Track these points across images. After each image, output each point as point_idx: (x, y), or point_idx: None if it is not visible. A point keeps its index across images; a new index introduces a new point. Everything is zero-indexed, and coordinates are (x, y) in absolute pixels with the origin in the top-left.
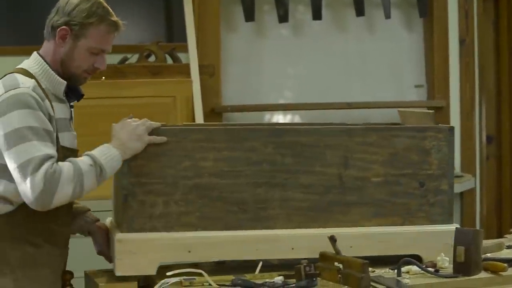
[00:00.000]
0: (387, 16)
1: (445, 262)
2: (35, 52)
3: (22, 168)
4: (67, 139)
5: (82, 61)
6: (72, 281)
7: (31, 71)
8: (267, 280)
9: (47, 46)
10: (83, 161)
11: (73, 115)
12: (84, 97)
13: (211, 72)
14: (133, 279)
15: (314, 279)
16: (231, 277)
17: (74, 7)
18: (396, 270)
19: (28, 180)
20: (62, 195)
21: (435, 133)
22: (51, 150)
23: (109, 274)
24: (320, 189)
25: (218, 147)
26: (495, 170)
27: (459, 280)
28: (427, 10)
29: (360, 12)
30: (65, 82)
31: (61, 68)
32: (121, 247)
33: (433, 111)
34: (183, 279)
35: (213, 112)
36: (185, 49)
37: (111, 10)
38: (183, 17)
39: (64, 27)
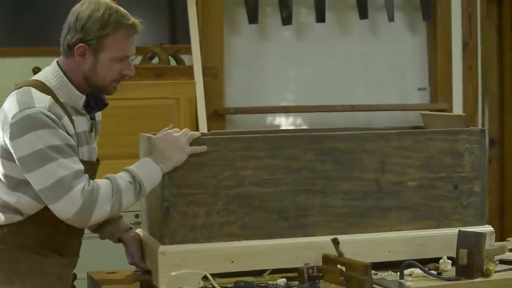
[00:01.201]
0: (391, 19)
1: (448, 265)
2: (55, 62)
3: (53, 188)
4: (86, 153)
5: (107, 73)
6: (75, 283)
7: (48, 84)
8: (269, 282)
9: (66, 62)
10: (122, 177)
11: (94, 127)
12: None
13: (214, 74)
14: (134, 280)
15: (317, 281)
16: (236, 279)
17: (86, 21)
18: (398, 273)
19: (64, 199)
20: (100, 213)
21: (467, 136)
22: (79, 165)
23: (112, 276)
24: (359, 195)
25: (258, 155)
26: (498, 174)
27: (461, 283)
28: (431, 13)
29: (363, 14)
30: (84, 96)
31: (86, 82)
32: (165, 260)
33: (464, 114)
34: None
35: (216, 114)
36: (188, 51)
37: (124, 12)
38: (187, 19)
39: (80, 44)
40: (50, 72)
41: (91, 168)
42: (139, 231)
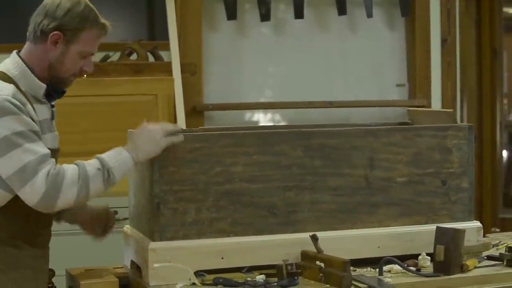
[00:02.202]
0: (369, 15)
1: (427, 261)
2: (14, 53)
3: (19, 174)
4: (50, 141)
5: (71, 65)
6: (53, 279)
7: (9, 74)
8: (248, 278)
9: (32, 48)
10: (91, 164)
11: (54, 115)
12: (66, 95)
13: (192, 71)
14: (113, 277)
15: (296, 278)
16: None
17: (67, 12)
18: (377, 269)
19: (28, 185)
20: (66, 198)
21: (455, 131)
22: (45, 150)
23: (90, 272)
24: (348, 191)
25: (248, 151)
26: (476, 169)
27: (440, 279)
28: (409, 10)
29: (342, 11)
30: (45, 86)
31: (49, 71)
32: (155, 256)
33: (452, 110)
34: None
35: (195, 110)
36: (167, 47)
37: (98, 13)
38: (165, 15)
39: (57, 32)
40: (10, 63)
41: (53, 156)
42: (126, 227)
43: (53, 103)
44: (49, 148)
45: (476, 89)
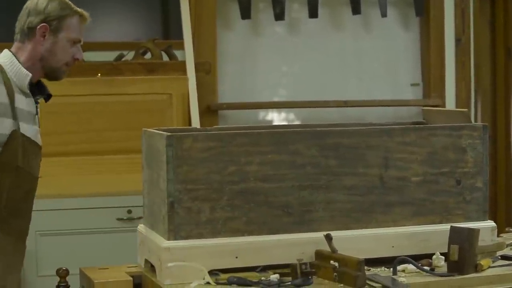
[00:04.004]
0: (384, 14)
1: (441, 260)
2: (5, 49)
3: None
4: (30, 131)
5: (63, 54)
6: (67, 278)
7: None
8: (262, 278)
9: (21, 46)
10: None
11: (38, 111)
12: (80, 93)
13: (207, 70)
14: (127, 276)
15: (310, 277)
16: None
17: (47, 5)
18: (391, 269)
19: None
20: None
21: (470, 131)
22: None
23: (104, 271)
24: (363, 190)
25: (263, 151)
26: (491, 169)
27: (454, 279)
28: (424, 9)
29: (356, 10)
30: (30, 74)
31: (41, 64)
32: (169, 255)
33: (467, 109)
34: None
35: (209, 109)
36: (181, 47)
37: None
38: (180, 14)
39: (43, 24)
40: (1, 55)
41: (34, 149)
42: (141, 226)
43: (37, 99)
44: (28, 137)
45: (490, 88)
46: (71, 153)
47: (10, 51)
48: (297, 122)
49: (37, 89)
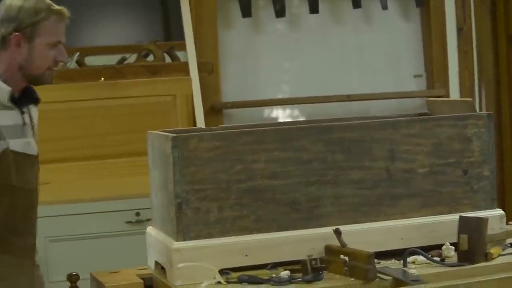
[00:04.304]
0: (384, 7)
1: (451, 251)
2: None
3: None
4: (20, 145)
5: (42, 60)
6: (78, 283)
7: None
8: (273, 275)
9: None
10: None
11: (28, 121)
12: (83, 98)
13: (209, 69)
14: (138, 278)
15: (321, 272)
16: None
17: (19, 11)
18: (402, 261)
19: None
20: None
21: (475, 120)
22: None
23: (115, 275)
24: (370, 184)
25: (269, 148)
26: (497, 157)
27: (465, 268)
28: (424, 0)
29: (356, 4)
30: (9, 88)
31: (21, 73)
32: (179, 256)
33: (471, 99)
34: None
35: (213, 109)
36: (183, 48)
37: (50, 1)
38: (180, 15)
39: (16, 33)
40: None
41: (26, 160)
42: (150, 228)
43: (25, 108)
44: (18, 152)
45: (493, 77)
46: (76, 158)
47: None
48: (301, 118)
49: (23, 98)
